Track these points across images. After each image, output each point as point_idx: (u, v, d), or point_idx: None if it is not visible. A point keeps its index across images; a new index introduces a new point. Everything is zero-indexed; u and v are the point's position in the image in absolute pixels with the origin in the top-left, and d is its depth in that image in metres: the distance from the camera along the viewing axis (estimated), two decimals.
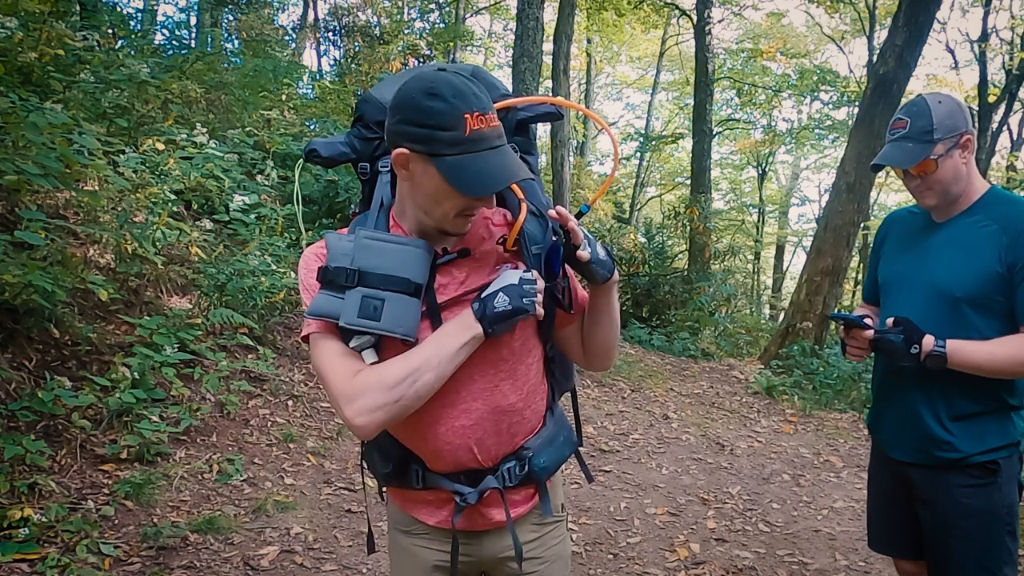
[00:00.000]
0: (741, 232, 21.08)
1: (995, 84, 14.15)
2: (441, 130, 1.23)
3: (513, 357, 1.42)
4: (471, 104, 1.23)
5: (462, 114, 1.22)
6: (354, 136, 1.50)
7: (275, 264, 5.35)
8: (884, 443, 2.13)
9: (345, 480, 4.14)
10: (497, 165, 1.26)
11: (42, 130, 3.59)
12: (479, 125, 1.23)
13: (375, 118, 1.47)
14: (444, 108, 1.22)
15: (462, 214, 1.32)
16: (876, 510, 2.24)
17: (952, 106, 1.92)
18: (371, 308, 1.29)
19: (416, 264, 1.33)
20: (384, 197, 1.45)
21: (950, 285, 1.90)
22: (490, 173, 1.25)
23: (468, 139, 1.23)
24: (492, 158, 1.26)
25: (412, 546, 1.55)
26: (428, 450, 1.43)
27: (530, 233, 1.42)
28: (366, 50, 14.16)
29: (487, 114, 1.25)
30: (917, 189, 1.95)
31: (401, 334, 1.30)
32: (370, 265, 1.31)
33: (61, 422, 3.63)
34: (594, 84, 25.34)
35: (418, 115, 1.24)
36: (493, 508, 1.48)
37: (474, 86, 1.26)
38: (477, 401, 1.40)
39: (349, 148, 1.49)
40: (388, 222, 1.43)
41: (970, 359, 1.84)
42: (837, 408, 6.90)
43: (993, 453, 1.91)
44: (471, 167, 1.24)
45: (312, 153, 1.48)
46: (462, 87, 1.24)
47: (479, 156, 1.24)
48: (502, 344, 1.39)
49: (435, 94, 1.23)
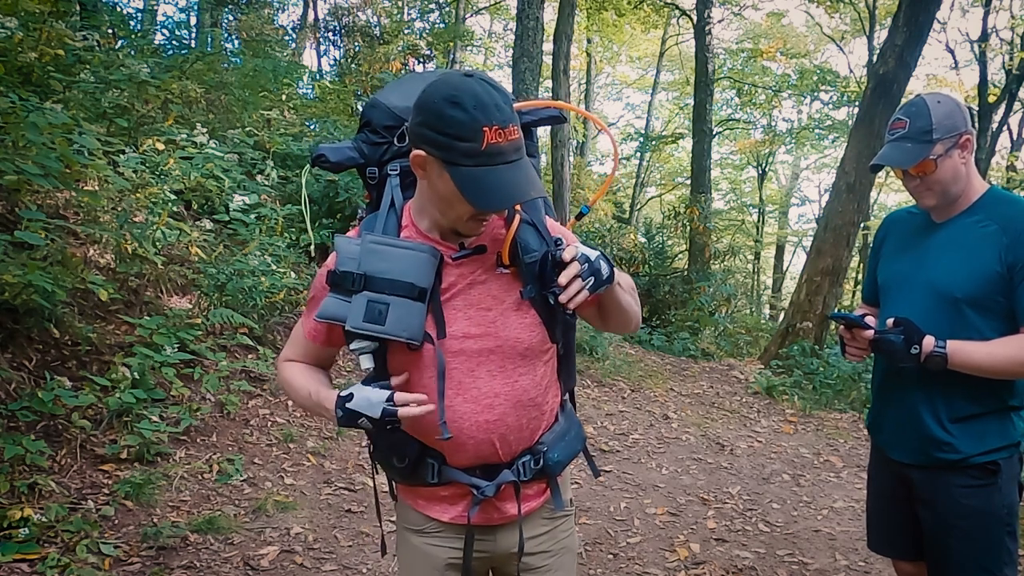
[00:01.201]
0: (741, 232, 21.07)
1: (995, 84, 14.14)
2: (459, 140, 1.25)
3: (531, 353, 1.45)
4: (491, 117, 1.24)
5: (481, 127, 1.23)
6: (362, 141, 1.52)
7: (275, 264, 5.35)
8: (884, 444, 2.13)
9: (345, 480, 4.14)
10: (511, 181, 1.27)
11: (42, 130, 3.58)
12: (497, 139, 1.24)
13: (383, 123, 1.49)
14: (464, 119, 1.24)
15: (475, 219, 1.35)
16: (876, 511, 2.24)
17: (951, 106, 1.91)
18: (376, 312, 1.32)
19: (421, 269, 1.35)
20: (395, 200, 1.47)
21: (950, 285, 1.90)
22: (502, 189, 1.27)
23: (485, 152, 1.24)
24: (507, 173, 1.27)
25: (425, 545, 1.56)
26: (451, 445, 1.45)
27: (525, 243, 1.43)
28: (366, 50, 14.14)
29: (507, 127, 1.26)
30: (916, 189, 1.95)
31: (406, 338, 1.34)
32: (376, 269, 1.33)
33: (61, 422, 3.63)
34: (594, 84, 25.33)
35: (439, 121, 1.26)
36: (508, 502, 1.51)
37: (499, 97, 1.27)
38: (499, 396, 1.42)
39: (357, 153, 1.51)
40: (398, 224, 1.45)
41: (970, 360, 1.84)
42: (837, 408, 6.90)
43: (993, 454, 1.91)
44: (484, 180, 1.26)
45: (320, 158, 1.50)
46: (485, 99, 1.25)
47: (494, 170, 1.26)
48: (521, 341, 1.43)
49: (457, 103, 1.24)
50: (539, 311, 1.45)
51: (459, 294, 1.42)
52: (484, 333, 1.41)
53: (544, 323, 1.46)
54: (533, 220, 1.47)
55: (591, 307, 1.53)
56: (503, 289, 1.43)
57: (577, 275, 1.32)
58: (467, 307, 1.41)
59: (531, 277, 1.42)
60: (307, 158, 7.68)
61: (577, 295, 1.32)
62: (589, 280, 1.33)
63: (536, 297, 1.43)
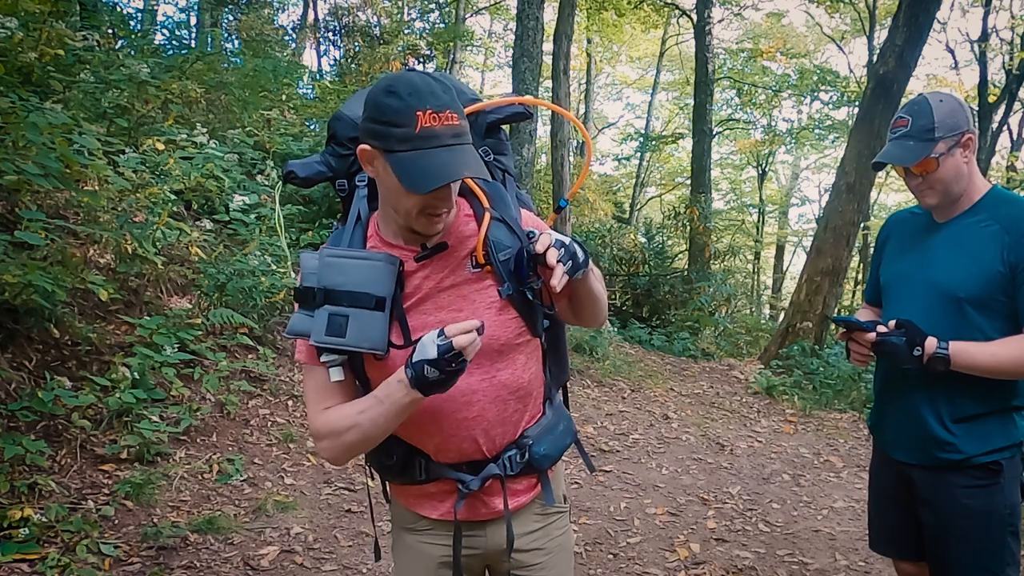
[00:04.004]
0: (741, 232, 21.03)
1: (995, 84, 14.14)
2: (394, 127, 1.25)
3: (508, 348, 1.44)
4: (425, 101, 1.24)
5: (414, 111, 1.24)
6: (329, 154, 1.52)
7: (275, 264, 5.35)
8: (886, 444, 2.13)
9: (345, 480, 4.14)
10: (443, 163, 1.26)
11: (42, 130, 3.58)
12: (431, 123, 1.24)
13: (347, 135, 1.48)
14: (398, 105, 1.25)
15: (425, 213, 1.33)
16: (877, 510, 2.24)
17: (954, 105, 1.91)
18: (337, 325, 1.33)
19: (378, 278, 1.35)
20: (361, 211, 1.47)
21: (952, 285, 1.89)
22: (434, 170, 1.25)
23: (418, 136, 1.25)
24: (440, 155, 1.26)
25: (417, 543, 1.57)
26: (433, 444, 1.46)
27: (497, 240, 1.43)
28: (366, 50, 14.15)
29: (443, 112, 1.25)
30: (918, 188, 1.95)
31: (368, 348, 1.35)
32: (334, 283, 1.34)
33: (61, 422, 3.63)
34: (594, 84, 25.30)
35: (376, 111, 1.27)
36: (495, 497, 1.51)
37: (437, 86, 1.27)
38: (477, 393, 1.42)
39: (325, 167, 1.51)
40: (364, 235, 1.45)
41: (973, 361, 1.83)
42: (837, 408, 6.90)
43: (996, 454, 1.90)
44: (418, 163, 1.26)
45: (290, 175, 1.50)
46: (421, 85, 1.26)
47: (428, 153, 1.25)
48: (496, 338, 1.41)
49: (392, 92, 1.25)
50: (518, 308, 1.44)
51: (428, 298, 1.41)
52: None
53: (523, 319, 1.45)
54: (504, 217, 1.46)
55: (563, 299, 1.52)
56: (474, 289, 1.42)
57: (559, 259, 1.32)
58: (437, 310, 1.41)
59: (507, 274, 1.42)
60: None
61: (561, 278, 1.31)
62: (568, 263, 1.33)
63: (514, 295, 1.43)
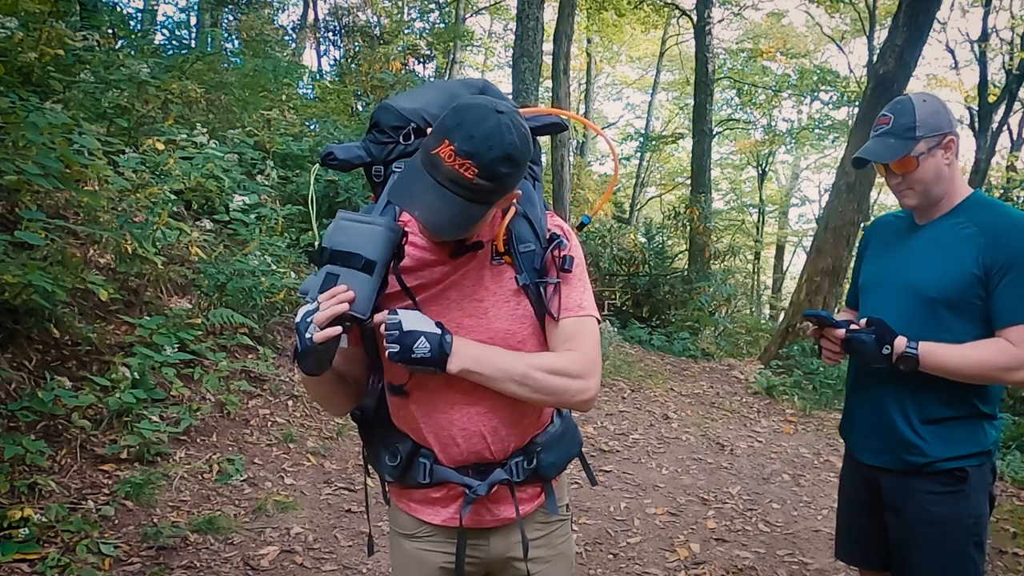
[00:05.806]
0: (741, 232, 21.05)
1: (995, 84, 14.15)
2: (432, 135, 1.31)
3: (523, 347, 1.45)
4: (457, 140, 1.26)
5: (443, 137, 1.27)
6: (370, 141, 1.54)
7: (275, 264, 5.35)
8: (854, 445, 2.11)
9: (345, 480, 4.14)
10: (417, 191, 1.29)
11: (42, 130, 3.58)
12: (445, 155, 1.26)
13: (390, 123, 1.51)
14: (446, 122, 1.28)
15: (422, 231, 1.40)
16: (845, 518, 2.22)
17: (936, 106, 1.91)
18: (331, 284, 1.33)
19: (372, 241, 1.35)
20: None
21: (926, 286, 1.89)
22: (405, 192, 1.30)
23: (428, 157, 1.29)
24: (423, 184, 1.29)
25: (417, 550, 1.56)
26: (442, 437, 1.45)
27: (519, 233, 1.46)
28: (366, 50, 14.14)
29: (463, 159, 1.26)
30: (898, 188, 1.95)
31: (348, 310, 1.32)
32: (334, 243, 1.36)
33: (61, 422, 3.63)
34: (594, 84, 25.33)
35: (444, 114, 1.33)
36: (501, 504, 1.51)
37: (490, 139, 1.26)
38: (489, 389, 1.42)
39: (365, 152, 1.53)
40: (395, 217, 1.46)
41: (942, 362, 1.82)
42: (837, 408, 6.89)
43: (962, 460, 1.88)
44: (407, 176, 1.32)
45: (329, 156, 1.52)
46: (474, 129, 1.26)
47: (421, 175, 1.29)
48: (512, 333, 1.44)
49: (456, 109, 1.29)
50: (531, 302, 1.46)
51: (453, 286, 1.43)
52: (476, 324, 1.43)
53: (536, 314, 1.46)
54: (528, 214, 1.48)
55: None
56: (495, 281, 1.45)
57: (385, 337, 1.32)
58: (461, 298, 1.43)
59: (525, 266, 1.44)
60: (307, 158, 7.69)
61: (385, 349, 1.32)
62: (393, 346, 1.32)
63: (530, 286, 1.44)
